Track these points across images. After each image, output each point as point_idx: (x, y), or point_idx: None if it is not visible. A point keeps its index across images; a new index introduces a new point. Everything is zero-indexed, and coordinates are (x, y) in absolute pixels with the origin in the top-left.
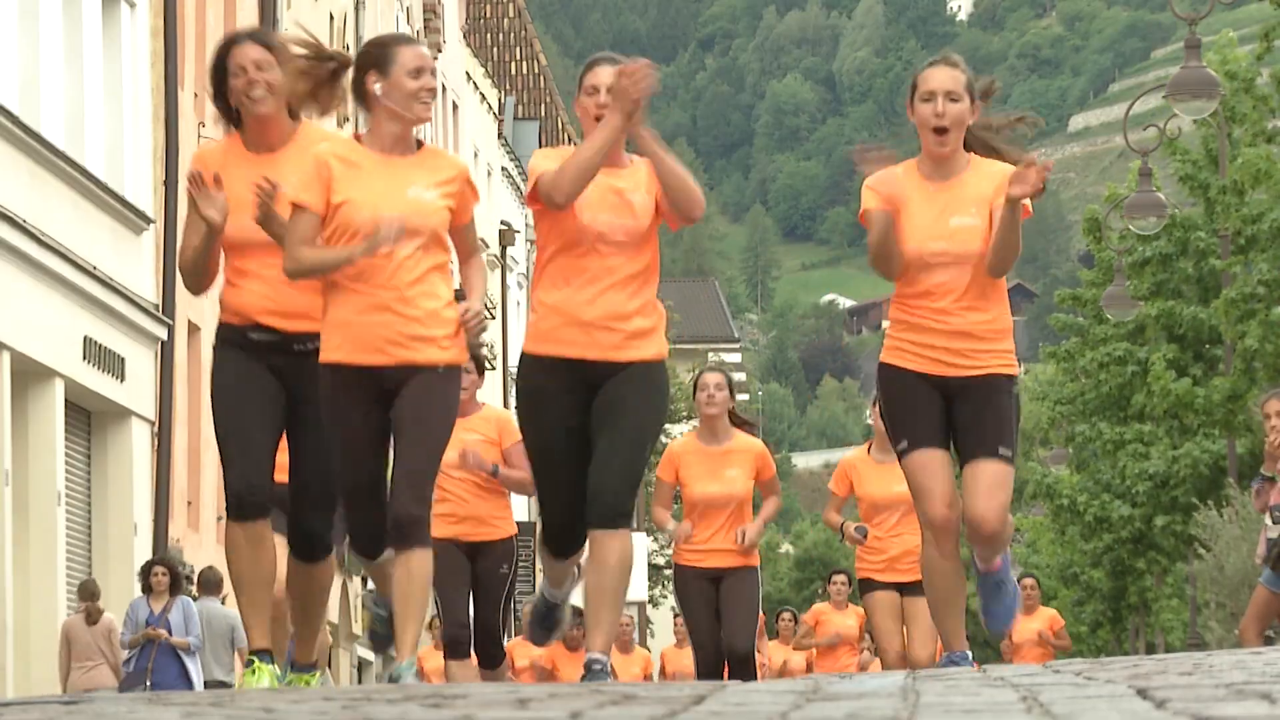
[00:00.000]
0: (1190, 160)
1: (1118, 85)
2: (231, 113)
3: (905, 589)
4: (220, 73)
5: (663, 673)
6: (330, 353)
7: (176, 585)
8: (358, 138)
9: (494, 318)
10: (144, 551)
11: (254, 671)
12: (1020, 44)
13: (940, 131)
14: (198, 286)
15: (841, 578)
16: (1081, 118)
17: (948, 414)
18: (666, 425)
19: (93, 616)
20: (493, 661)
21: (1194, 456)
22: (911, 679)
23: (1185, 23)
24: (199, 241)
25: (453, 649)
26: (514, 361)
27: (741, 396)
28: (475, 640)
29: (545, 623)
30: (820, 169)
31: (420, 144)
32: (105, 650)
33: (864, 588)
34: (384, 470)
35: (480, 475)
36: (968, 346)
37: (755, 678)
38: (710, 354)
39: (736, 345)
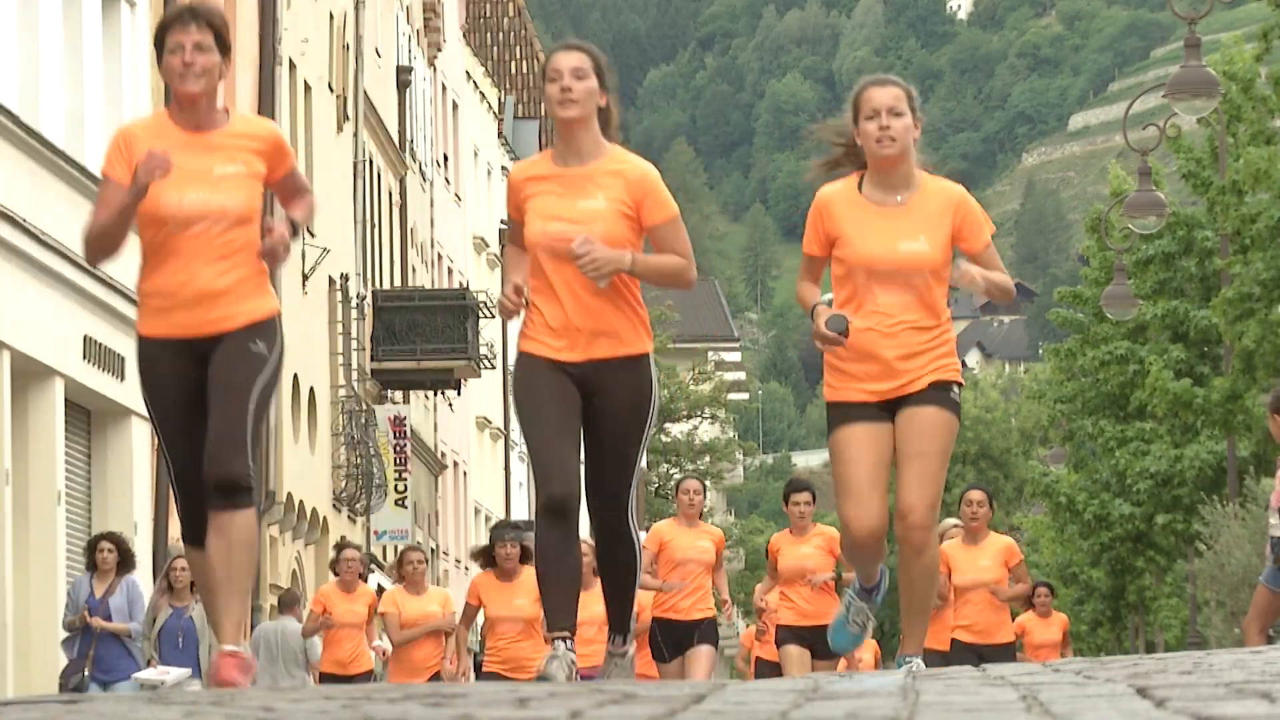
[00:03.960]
0: (1194, 158)
1: (1117, 84)
2: None
3: (901, 403)
4: None
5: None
6: None
7: (125, 564)
8: None
9: (492, 316)
10: (145, 551)
11: None
12: (1020, 43)
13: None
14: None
15: (804, 495)
16: (1081, 117)
17: None
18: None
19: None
20: (232, 491)
21: (1202, 459)
22: (911, 678)
23: (1185, 22)
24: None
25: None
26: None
27: (741, 395)
28: (206, 455)
29: None
30: None
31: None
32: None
33: (834, 418)
34: None
35: (217, 226)
36: None
37: (635, 577)
38: (710, 353)
39: (736, 344)
